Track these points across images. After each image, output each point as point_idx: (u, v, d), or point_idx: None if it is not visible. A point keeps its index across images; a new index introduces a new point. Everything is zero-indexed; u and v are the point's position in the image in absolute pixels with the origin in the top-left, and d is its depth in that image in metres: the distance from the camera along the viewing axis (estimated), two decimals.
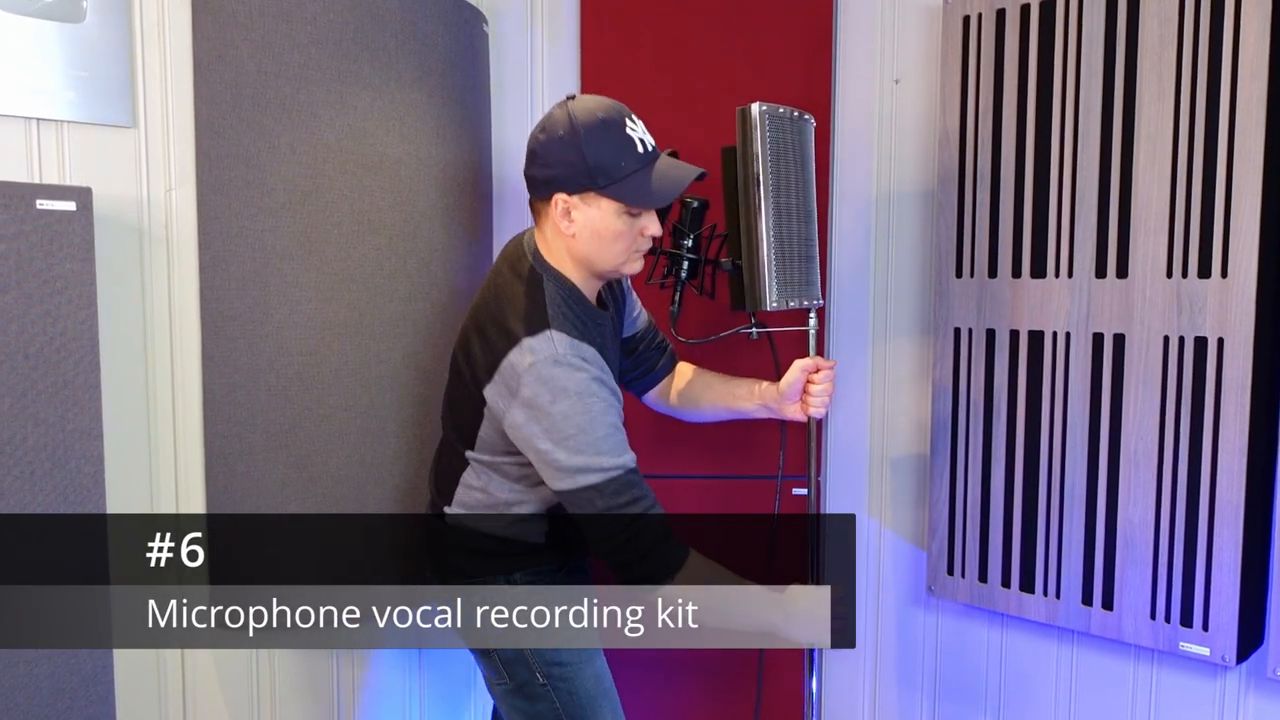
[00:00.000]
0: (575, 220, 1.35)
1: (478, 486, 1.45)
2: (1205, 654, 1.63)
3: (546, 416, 1.30)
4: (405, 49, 1.74)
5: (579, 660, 1.44)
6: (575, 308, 1.39)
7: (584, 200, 1.34)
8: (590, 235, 1.36)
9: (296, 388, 1.68)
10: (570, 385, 1.30)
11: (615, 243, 1.37)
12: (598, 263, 1.39)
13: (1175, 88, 1.60)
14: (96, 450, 1.47)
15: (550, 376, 1.30)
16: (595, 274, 1.42)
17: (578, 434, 1.29)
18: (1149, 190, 1.64)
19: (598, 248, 1.37)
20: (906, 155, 2.05)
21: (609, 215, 1.35)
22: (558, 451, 1.30)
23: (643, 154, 1.35)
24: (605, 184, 1.32)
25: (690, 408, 1.68)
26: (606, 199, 1.34)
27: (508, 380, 1.33)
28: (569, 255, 1.40)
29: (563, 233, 1.37)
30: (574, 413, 1.29)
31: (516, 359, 1.32)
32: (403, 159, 1.75)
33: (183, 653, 1.68)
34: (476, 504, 1.46)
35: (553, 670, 1.43)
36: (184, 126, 1.62)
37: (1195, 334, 1.60)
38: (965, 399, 1.89)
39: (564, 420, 1.29)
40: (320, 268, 1.68)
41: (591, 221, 1.35)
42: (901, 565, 2.12)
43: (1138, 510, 1.69)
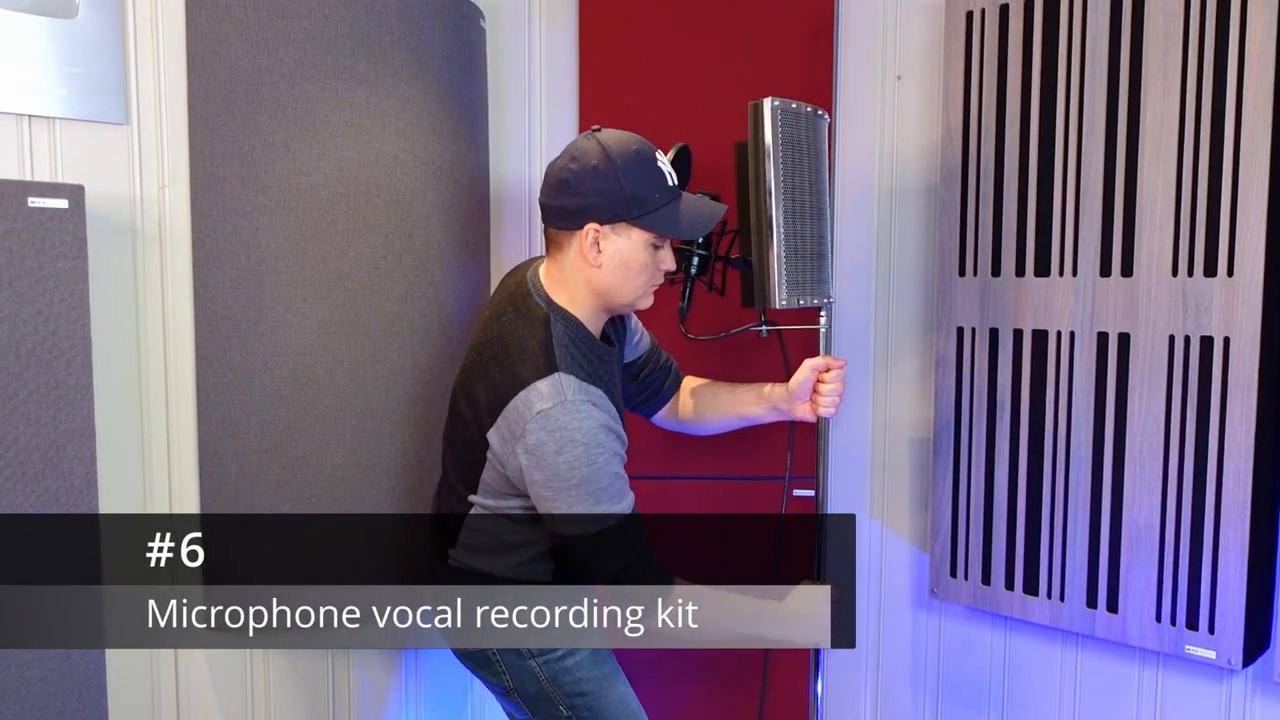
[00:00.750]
0: (604, 250, 1.37)
1: (485, 531, 1.45)
2: (1211, 657, 1.62)
3: (550, 465, 1.31)
4: (401, 45, 1.74)
5: (601, 689, 1.45)
6: (583, 347, 1.40)
7: (615, 231, 1.36)
8: (618, 265, 1.37)
9: (291, 388, 1.67)
10: (578, 435, 1.30)
11: (640, 275, 1.39)
12: (619, 295, 1.40)
13: (1181, 83, 1.60)
14: (89, 451, 1.47)
15: (558, 425, 1.30)
16: (610, 308, 1.43)
17: (581, 484, 1.31)
18: (1154, 187, 1.63)
19: (622, 279, 1.38)
20: (908, 152, 2.04)
21: (639, 247, 1.37)
22: (557, 500, 1.32)
23: (672, 186, 1.38)
24: (640, 214, 1.34)
25: (699, 422, 1.69)
26: (638, 230, 1.36)
27: (512, 424, 1.33)
28: (588, 287, 1.40)
29: (588, 263, 1.37)
30: (578, 464, 1.31)
31: (522, 404, 1.32)
32: (399, 156, 1.75)
33: (176, 656, 1.68)
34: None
35: (575, 701, 1.44)
36: (177, 123, 1.62)
37: (1201, 333, 1.60)
38: (968, 399, 1.89)
39: (568, 470, 1.31)
40: (315, 266, 1.67)
41: (621, 252, 1.37)
42: (904, 568, 2.11)
43: (1143, 512, 1.68)
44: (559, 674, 1.43)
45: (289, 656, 1.79)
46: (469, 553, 1.45)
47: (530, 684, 1.44)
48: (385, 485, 1.77)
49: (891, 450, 2.12)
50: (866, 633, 2.17)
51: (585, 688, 1.44)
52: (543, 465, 1.31)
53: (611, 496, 1.33)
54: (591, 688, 1.44)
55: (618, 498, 1.34)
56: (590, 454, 1.30)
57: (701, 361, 2.05)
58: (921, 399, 2.06)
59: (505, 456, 1.36)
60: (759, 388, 1.65)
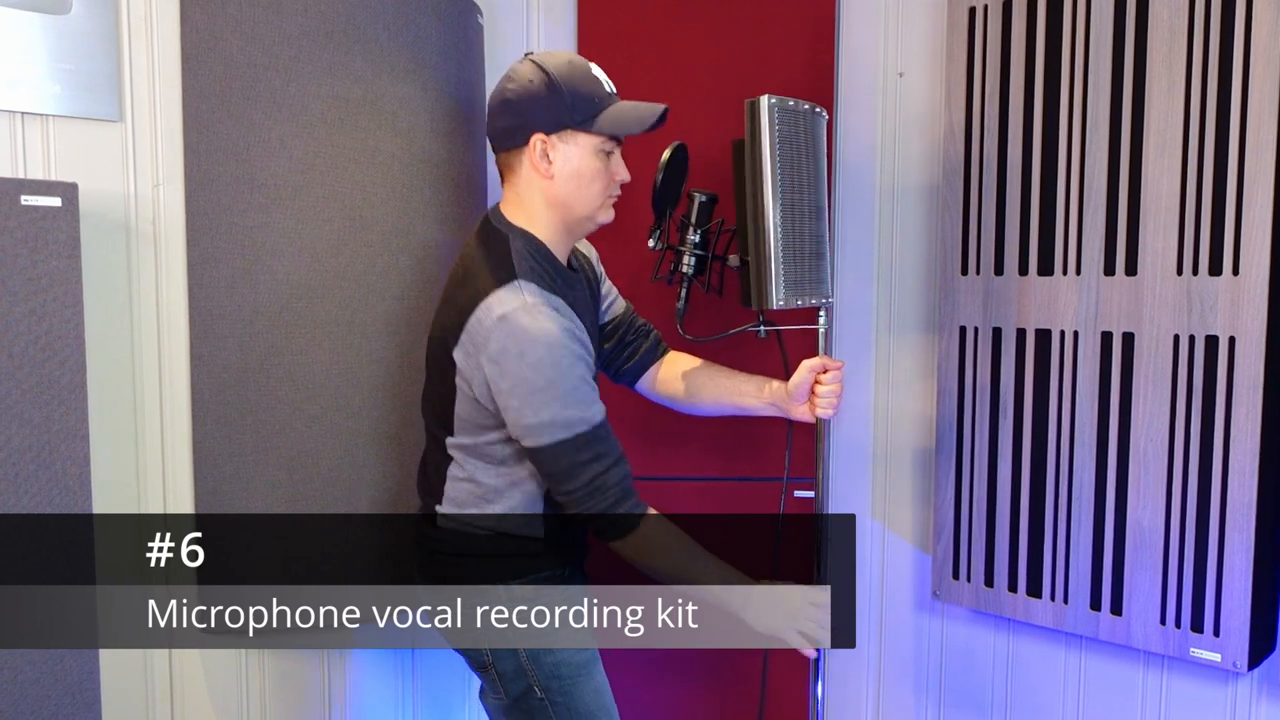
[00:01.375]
0: (554, 161, 1.39)
1: (464, 477, 1.44)
2: (1216, 660, 1.62)
3: (514, 371, 1.30)
4: (398, 41, 1.74)
5: (578, 675, 1.43)
6: (544, 262, 1.40)
7: (562, 139, 1.38)
8: (570, 174, 1.40)
9: (287, 388, 1.67)
10: (540, 337, 1.30)
11: (594, 182, 1.41)
12: (576, 206, 1.42)
13: (1186, 80, 1.59)
14: (82, 451, 1.47)
15: (519, 328, 1.30)
16: (570, 224, 1.44)
17: (546, 387, 1.30)
18: (1159, 185, 1.63)
19: (575, 187, 1.40)
20: (911, 150, 2.04)
21: (588, 153, 1.40)
22: (524, 409, 1.32)
23: (611, 92, 1.42)
24: (584, 118, 1.37)
25: (690, 399, 1.67)
26: (585, 134, 1.39)
27: (475, 337, 1.34)
28: (545, 202, 1.41)
29: (541, 174, 1.40)
30: (542, 365, 1.30)
31: (484, 314, 1.33)
32: (395, 153, 1.74)
33: (170, 658, 1.68)
34: (466, 497, 1.44)
35: (551, 684, 1.42)
36: (172, 120, 1.62)
37: (1206, 333, 1.60)
38: (971, 399, 1.88)
39: (533, 373, 1.30)
40: (311, 265, 1.67)
41: (570, 160, 1.39)
42: (905, 569, 2.11)
43: (1147, 513, 1.68)
44: (539, 654, 1.42)
45: (284, 658, 1.79)
46: (455, 505, 1.45)
47: (509, 661, 1.42)
48: (382, 486, 1.76)
49: (893, 450, 2.11)
50: (868, 635, 2.17)
51: (563, 672, 1.42)
52: (507, 372, 1.31)
53: (579, 401, 1.32)
54: (569, 673, 1.43)
55: (586, 403, 1.33)
56: (554, 355, 1.30)
57: None
58: (924, 399, 2.06)
59: (471, 374, 1.35)
60: (759, 381, 1.65)
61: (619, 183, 1.45)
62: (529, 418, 1.32)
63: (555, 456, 1.33)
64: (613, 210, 1.47)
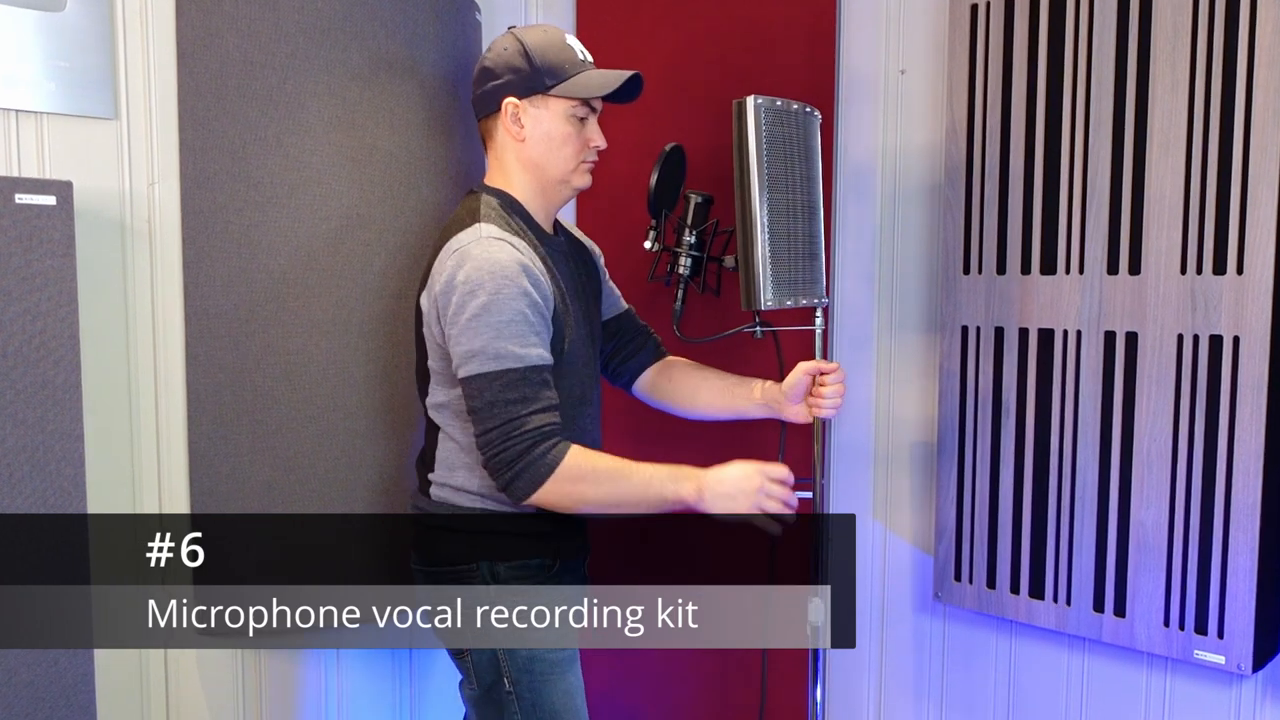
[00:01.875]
0: (525, 125, 1.45)
1: (449, 437, 1.45)
2: (1220, 662, 1.62)
3: (457, 298, 1.31)
4: (396, 38, 1.73)
5: (551, 673, 1.42)
6: (513, 216, 1.44)
7: (532, 104, 1.44)
8: (541, 137, 1.45)
9: (283, 388, 1.67)
10: (485, 265, 1.31)
11: (565, 145, 1.45)
12: (549, 167, 1.46)
13: (1190, 78, 1.59)
14: (77, 452, 1.47)
15: (468, 255, 1.33)
16: (546, 184, 1.48)
17: (481, 313, 1.30)
18: (1162, 184, 1.63)
19: (547, 149, 1.45)
20: (912, 148, 2.04)
21: (559, 117, 1.45)
22: (461, 336, 1.32)
23: (583, 60, 1.47)
24: (553, 84, 1.43)
25: (686, 403, 1.68)
26: (555, 99, 1.44)
27: (435, 277, 1.37)
28: (519, 164, 1.47)
29: (513, 139, 1.46)
30: (480, 290, 1.30)
31: (444, 254, 1.37)
32: (393, 151, 1.74)
33: (166, 661, 1.68)
34: (454, 458, 1.44)
35: (522, 678, 1.41)
36: (167, 118, 1.62)
37: (1210, 332, 1.60)
38: (973, 399, 1.88)
39: (471, 298, 1.30)
40: (308, 264, 1.67)
41: (541, 123, 1.44)
42: (907, 570, 2.11)
43: (1150, 514, 1.68)
44: (514, 637, 1.41)
45: (280, 659, 1.79)
46: (446, 471, 1.45)
47: (484, 651, 1.42)
48: (379, 486, 1.76)
49: (895, 451, 2.11)
50: (868, 637, 2.17)
51: (536, 668, 1.41)
52: (451, 300, 1.32)
53: (514, 336, 1.31)
54: (543, 669, 1.42)
55: (521, 341, 1.31)
56: (496, 283, 1.30)
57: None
58: (925, 399, 2.06)
59: (429, 315, 1.38)
60: (753, 383, 1.65)
61: (594, 148, 1.49)
62: (463, 345, 1.32)
63: (479, 390, 1.32)
64: (589, 176, 1.51)
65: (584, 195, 2.04)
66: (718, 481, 1.39)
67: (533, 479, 1.33)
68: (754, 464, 1.41)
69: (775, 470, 1.41)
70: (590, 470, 1.35)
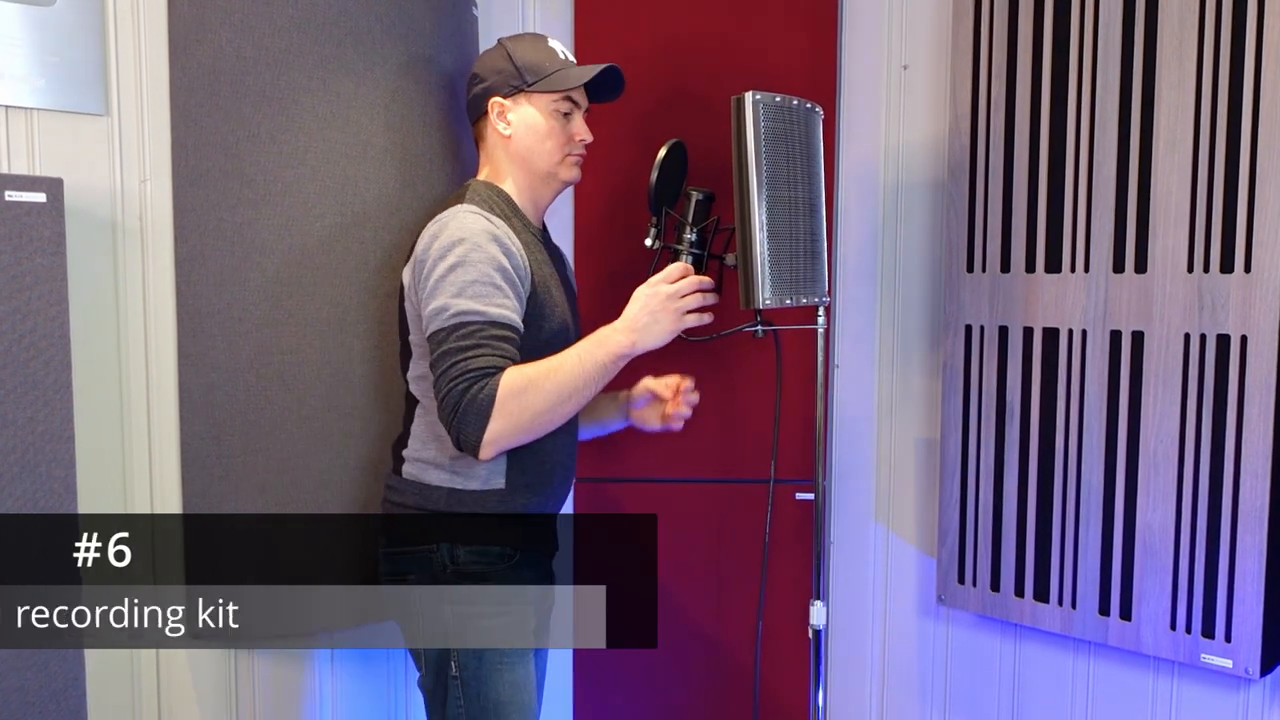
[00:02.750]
0: (511, 121, 1.52)
1: (424, 410, 1.47)
2: (1228, 666, 1.61)
3: (431, 261, 1.36)
4: (391, 33, 1.73)
5: (501, 663, 1.42)
6: (499, 201, 1.49)
7: (516, 102, 1.52)
8: (526, 131, 1.52)
9: (277, 388, 1.67)
10: (458, 231, 1.37)
11: (549, 138, 1.52)
12: (536, 160, 1.53)
13: (1196, 73, 1.59)
14: (67, 453, 1.47)
15: (444, 225, 1.39)
16: (534, 178, 1.54)
17: (448, 274, 1.35)
18: (1169, 181, 1.63)
19: (532, 143, 1.52)
20: (915, 144, 2.04)
21: (542, 113, 1.52)
22: (430, 296, 1.36)
23: (565, 59, 1.55)
24: (533, 80, 1.50)
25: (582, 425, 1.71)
26: (537, 95, 1.51)
27: (416, 253, 1.42)
28: (509, 159, 1.54)
29: (502, 136, 1.53)
30: (452, 254, 1.35)
31: (426, 229, 1.42)
32: (388, 148, 1.74)
33: (157, 661, 1.68)
34: (427, 431, 1.46)
35: (469, 664, 1.41)
36: (159, 114, 1.61)
37: (1217, 331, 1.59)
38: (977, 399, 1.88)
39: (442, 262, 1.35)
40: (302, 263, 1.67)
41: (525, 119, 1.52)
42: (910, 573, 2.11)
43: (1157, 516, 1.67)
44: (466, 628, 1.41)
45: (273, 660, 1.78)
46: (419, 445, 1.47)
47: (437, 630, 1.42)
48: (374, 488, 1.76)
49: (897, 451, 2.11)
50: (871, 641, 2.16)
51: (487, 655, 1.41)
52: (426, 266, 1.37)
53: (478, 295, 1.34)
54: (494, 658, 1.41)
55: (485, 299, 1.34)
56: (465, 247, 1.35)
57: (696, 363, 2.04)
58: (928, 399, 2.05)
59: (410, 287, 1.44)
60: (614, 394, 1.73)
61: (580, 142, 1.55)
62: (429, 305, 1.36)
63: (438, 344, 1.35)
64: (577, 170, 1.56)
65: (584, 192, 2.04)
66: (634, 319, 1.42)
67: (478, 418, 1.32)
68: (648, 286, 1.46)
69: (669, 277, 1.46)
70: (525, 379, 1.34)
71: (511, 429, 1.34)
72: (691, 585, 2.10)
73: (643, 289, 1.47)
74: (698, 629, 2.10)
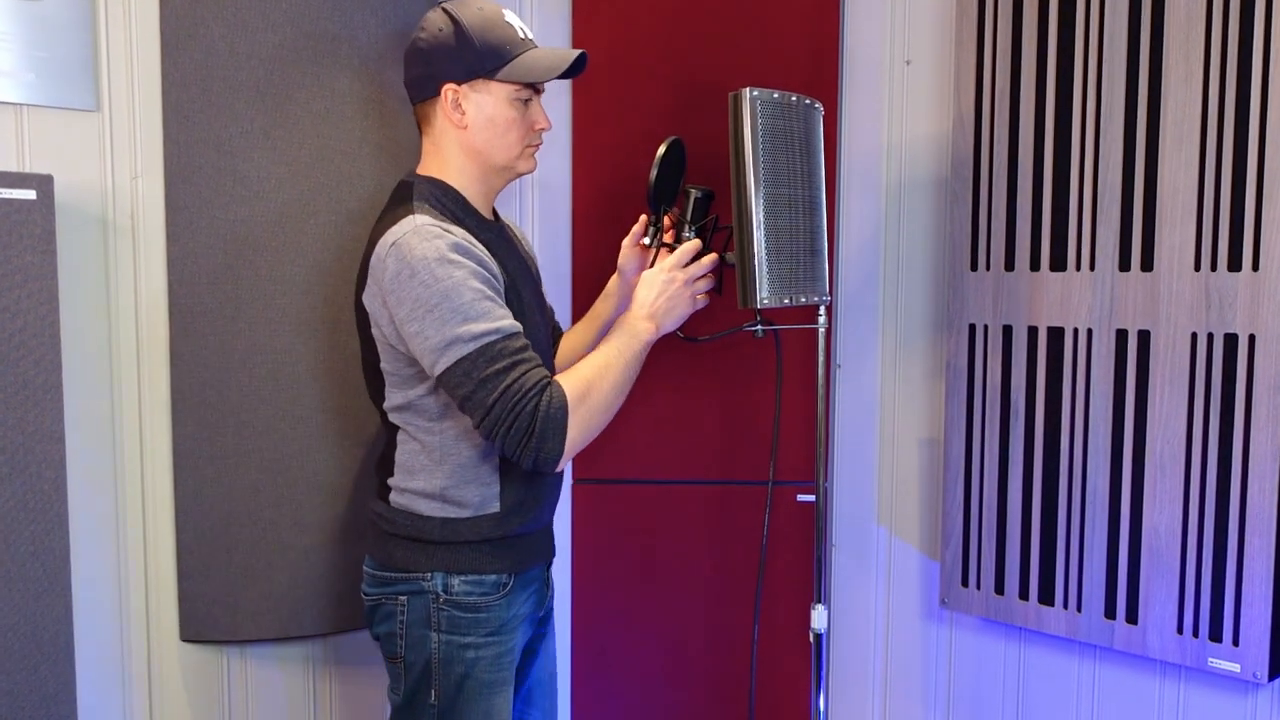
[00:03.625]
0: (467, 111, 1.41)
1: (410, 439, 1.42)
2: (1235, 670, 1.61)
3: (409, 293, 1.29)
4: (387, 28, 1.73)
5: (480, 693, 1.40)
6: (447, 200, 1.41)
7: (474, 89, 1.40)
8: (484, 124, 1.41)
9: (270, 388, 1.66)
10: (429, 253, 1.28)
11: (509, 131, 1.43)
12: (494, 155, 1.43)
13: (1204, 68, 1.58)
14: (58, 454, 1.46)
15: (407, 248, 1.29)
16: (489, 170, 1.45)
17: (441, 303, 1.27)
18: (1176, 177, 1.62)
19: (490, 137, 1.42)
20: (918, 141, 2.03)
21: (502, 102, 1.41)
22: (425, 329, 1.28)
23: (525, 39, 1.43)
24: (494, 67, 1.39)
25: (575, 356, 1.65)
26: (498, 84, 1.40)
27: (375, 275, 1.33)
28: (461, 151, 1.43)
29: (455, 125, 1.42)
30: (433, 281, 1.28)
31: (380, 248, 1.33)
32: (383, 144, 1.74)
33: (149, 664, 1.67)
34: (415, 461, 1.41)
35: (448, 692, 1.40)
36: (151, 110, 1.61)
37: (1225, 330, 1.59)
38: (980, 399, 1.87)
39: (425, 290, 1.28)
40: (296, 260, 1.67)
41: (484, 109, 1.41)
42: (912, 576, 2.10)
43: (1164, 518, 1.67)
44: (452, 658, 1.39)
45: (266, 663, 1.78)
46: (406, 476, 1.42)
47: (421, 656, 1.40)
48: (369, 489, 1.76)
49: (900, 453, 2.10)
50: (873, 645, 2.16)
51: (468, 685, 1.40)
52: (404, 298, 1.29)
53: (481, 315, 1.28)
54: (474, 688, 1.40)
55: (490, 316, 1.29)
56: (444, 269, 1.28)
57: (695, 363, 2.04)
58: (931, 399, 2.05)
59: (379, 315, 1.35)
60: (591, 313, 1.71)
61: (539, 131, 1.47)
62: (432, 338, 1.28)
63: (465, 374, 1.28)
64: (534, 160, 1.49)
65: (581, 189, 2.04)
66: (652, 305, 1.44)
67: (556, 431, 1.30)
68: (656, 270, 1.47)
69: (679, 261, 1.47)
70: (585, 384, 1.34)
71: (583, 434, 1.34)
72: (690, 589, 2.09)
73: (656, 275, 1.46)
74: (697, 634, 2.10)
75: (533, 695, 1.61)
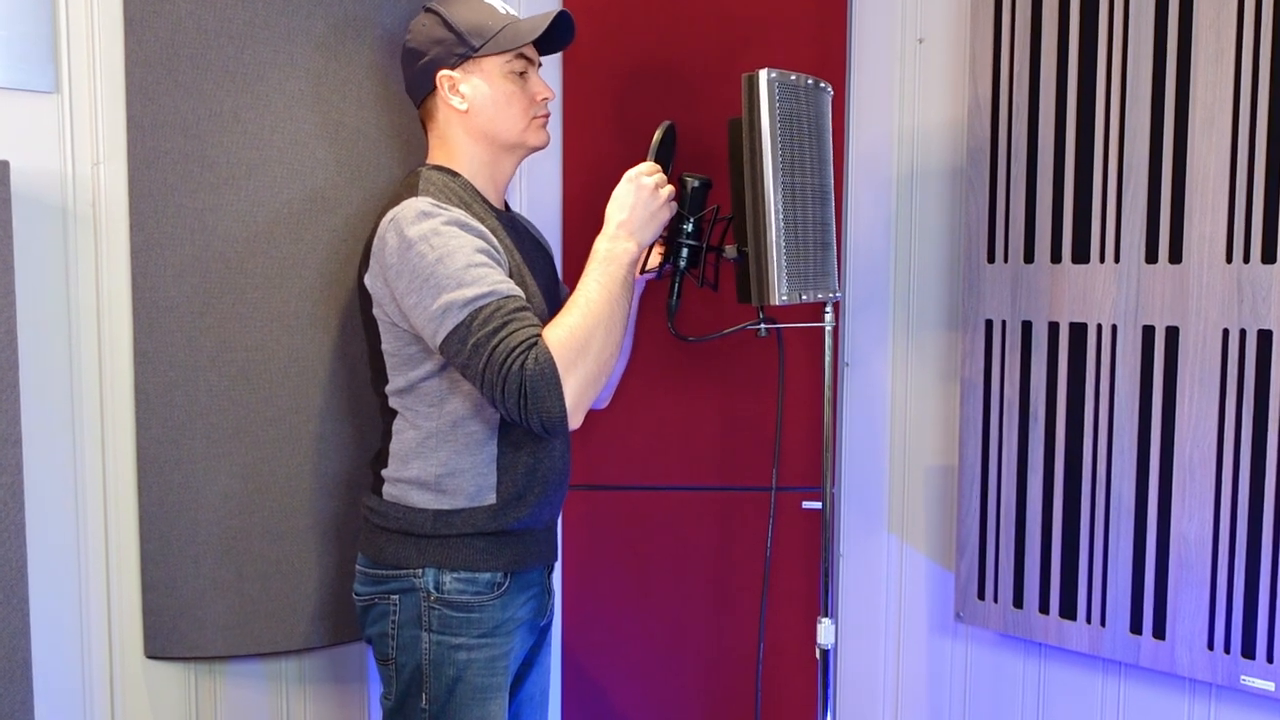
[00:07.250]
0: (465, 94, 1.49)
1: (407, 425, 1.46)
2: (1269, 689, 1.61)
3: (407, 265, 1.34)
4: (363, 4, 1.72)
5: (472, 698, 1.43)
6: (455, 187, 1.47)
7: (466, 71, 1.48)
8: (485, 103, 1.49)
9: (241, 388, 1.66)
10: (425, 226, 1.35)
11: (511, 104, 1.50)
12: (501, 131, 1.50)
13: (1236, 47, 1.58)
14: (14, 458, 1.46)
15: (406, 222, 1.36)
16: (500, 151, 1.52)
17: (435, 267, 1.32)
18: (1206, 164, 1.62)
19: (494, 114, 1.49)
20: (931, 126, 2.03)
21: (496, 78, 1.49)
22: (424, 300, 1.33)
23: (505, 14, 1.51)
24: (480, 44, 1.47)
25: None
26: (487, 59, 1.48)
27: (377, 255, 1.40)
28: (468, 137, 1.50)
29: (456, 112, 1.50)
30: (429, 250, 1.33)
31: (380, 227, 1.40)
32: (361, 129, 1.74)
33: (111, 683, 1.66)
34: (409, 448, 1.45)
35: (440, 697, 1.43)
36: (113, 92, 1.60)
37: (1259, 326, 1.58)
38: (998, 400, 1.87)
39: (420, 260, 1.33)
40: (268, 252, 1.66)
41: (481, 88, 1.49)
42: (926, 588, 2.10)
43: (1193, 526, 1.66)
44: (443, 659, 1.42)
45: (236, 681, 1.77)
46: (400, 465, 1.45)
47: (412, 657, 1.43)
48: (345, 496, 1.75)
49: (912, 458, 2.10)
50: (884, 660, 2.15)
51: (460, 689, 1.43)
52: (402, 270, 1.34)
53: (475, 280, 1.31)
54: (466, 693, 1.43)
55: (487, 281, 1.32)
56: (441, 240, 1.33)
57: (693, 363, 2.03)
58: (946, 400, 2.04)
59: (380, 293, 1.40)
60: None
61: (543, 101, 1.53)
62: (430, 307, 1.32)
63: (461, 340, 1.31)
64: (545, 132, 1.55)
65: (571, 177, 2.03)
66: (628, 223, 1.45)
67: (550, 387, 1.29)
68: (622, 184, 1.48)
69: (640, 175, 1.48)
70: (567, 330, 1.33)
71: (585, 381, 1.33)
72: (691, 601, 2.08)
73: (624, 189, 1.46)
74: (698, 648, 2.09)
75: (521, 714, 1.60)
